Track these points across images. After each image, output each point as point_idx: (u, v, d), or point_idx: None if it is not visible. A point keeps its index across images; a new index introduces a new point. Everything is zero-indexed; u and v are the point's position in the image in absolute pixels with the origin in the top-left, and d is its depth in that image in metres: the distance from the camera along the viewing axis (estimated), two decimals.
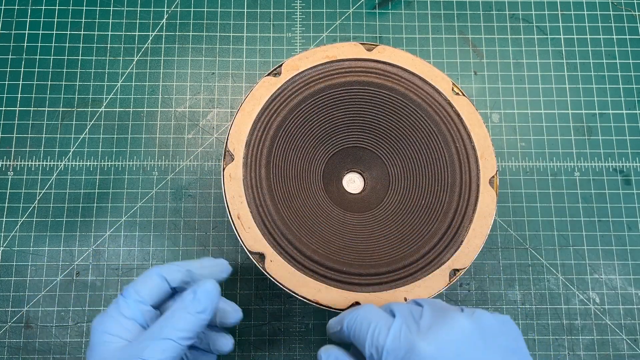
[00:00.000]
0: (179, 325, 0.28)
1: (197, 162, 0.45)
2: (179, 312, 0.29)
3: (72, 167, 0.45)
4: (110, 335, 0.29)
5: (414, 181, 0.38)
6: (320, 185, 0.39)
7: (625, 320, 0.43)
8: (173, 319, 0.28)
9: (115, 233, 0.43)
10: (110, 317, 0.29)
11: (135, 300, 0.30)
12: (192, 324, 0.28)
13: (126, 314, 0.29)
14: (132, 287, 0.31)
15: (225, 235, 0.43)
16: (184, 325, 0.28)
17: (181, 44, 0.48)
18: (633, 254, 0.44)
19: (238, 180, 0.34)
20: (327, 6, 0.49)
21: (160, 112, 0.46)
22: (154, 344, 0.27)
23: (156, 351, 0.27)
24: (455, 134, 0.36)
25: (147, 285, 0.31)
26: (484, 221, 0.35)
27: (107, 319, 0.29)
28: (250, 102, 0.36)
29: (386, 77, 0.37)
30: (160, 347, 0.27)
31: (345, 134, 0.39)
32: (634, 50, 0.48)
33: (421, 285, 0.34)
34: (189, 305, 0.29)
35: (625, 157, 0.46)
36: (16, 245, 0.43)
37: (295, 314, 0.42)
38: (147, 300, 0.30)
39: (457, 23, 0.48)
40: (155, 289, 0.31)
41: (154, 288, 0.31)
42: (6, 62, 0.46)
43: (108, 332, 0.29)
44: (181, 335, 0.28)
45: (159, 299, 0.31)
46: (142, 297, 0.30)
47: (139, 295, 0.30)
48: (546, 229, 0.44)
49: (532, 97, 0.47)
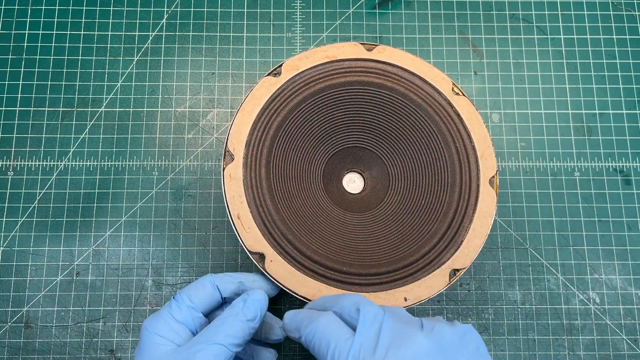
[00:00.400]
0: (230, 332, 0.29)
1: (197, 162, 0.45)
2: (230, 319, 0.29)
3: (72, 167, 0.45)
4: (161, 337, 0.30)
5: (414, 181, 0.38)
6: (320, 185, 0.39)
7: (625, 320, 0.43)
8: (224, 325, 0.29)
9: (115, 233, 0.43)
10: (162, 320, 0.30)
11: (187, 305, 0.31)
12: (242, 331, 0.29)
13: (178, 318, 0.30)
14: (185, 292, 0.31)
15: (225, 235, 0.43)
16: (234, 332, 0.29)
17: (181, 44, 0.48)
18: (633, 254, 0.44)
19: (238, 180, 0.34)
20: (327, 6, 0.49)
21: (160, 112, 0.46)
22: (206, 347, 0.28)
23: (208, 355, 0.28)
24: (455, 134, 0.36)
25: (200, 293, 0.32)
26: (484, 221, 0.35)
27: (159, 321, 0.30)
28: (250, 102, 0.36)
29: (386, 77, 0.37)
30: (213, 351, 0.28)
31: (345, 134, 0.39)
32: (634, 50, 0.48)
33: (421, 285, 0.34)
34: (240, 312, 0.30)
35: (625, 157, 0.46)
36: (16, 245, 0.43)
37: None
38: (198, 307, 0.31)
39: (457, 23, 0.48)
40: (207, 297, 0.32)
41: (206, 296, 0.32)
42: (6, 62, 0.46)
43: (159, 334, 0.30)
44: (232, 342, 0.29)
45: (209, 307, 0.32)
46: (195, 303, 0.31)
47: (192, 301, 0.31)
48: (546, 229, 0.44)
49: (532, 97, 0.47)
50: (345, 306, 0.28)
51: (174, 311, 0.31)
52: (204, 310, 0.32)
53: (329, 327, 0.28)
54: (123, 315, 0.42)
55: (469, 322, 0.42)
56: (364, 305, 0.28)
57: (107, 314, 0.42)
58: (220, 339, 0.29)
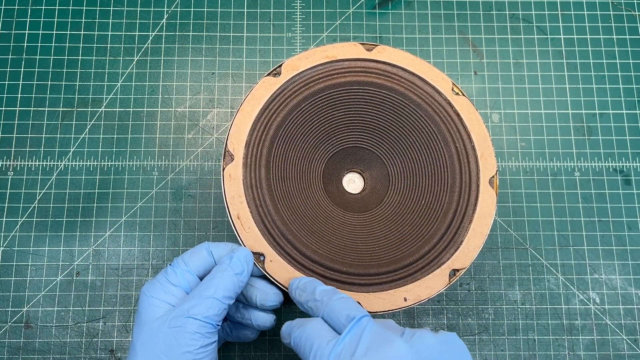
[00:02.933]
0: (220, 285, 0.31)
1: (197, 162, 0.45)
2: (219, 274, 0.31)
3: (72, 167, 0.45)
4: (158, 299, 0.31)
5: (414, 181, 0.38)
6: (320, 185, 0.39)
7: (625, 320, 0.43)
8: (214, 280, 0.31)
9: (115, 233, 0.43)
10: (158, 284, 0.32)
11: (182, 269, 0.32)
12: (231, 284, 0.31)
13: (173, 282, 0.32)
14: (181, 258, 0.33)
15: (225, 235, 0.43)
16: (224, 286, 0.31)
17: (181, 44, 0.48)
18: (633, 254, 0.44)
19: (238, 180, 0.34)
20: (327, 6, 0.49)
21: (160, 112, 0.46)
22: (198, 302, 0.30)
23: (201, 309, 0.30)
24: (455, 134, 0.36)
25: (195, 258, 0.33)
26: (484, 221, 0.35)
27: (155, 285, 0.32)
28: (250, 102, 0.36)
29: (386, 77, 0.37)
30: (205, 305, 0.30)
31: (345, 134, 0.39)
32: (634, 50, 0.48)
33: (421, 285, 0.34)
34: (227, 267, 0.31)
35: (625, 157, 0.46)
36: (16, 245, 0.43)
37: (295, 314, 0.42)
38: (193, 270, 0.33)
39: (457, 23, 0.48)
40: (202, 262, 0.33)
41: (201, 261, 0.33)
42: (6, 62, 0.46)
43: (156, 297, 0.31)
44: (222, 294, 0.31)
45: (204, 272, 0.33)
46: (189, 267, 0.33)
47: (187, 265, 0.33)
48: (546, 229, 0.44)
49: (532, 97, 0.47)
50: (334, 310, 0.30)
51: (169, 275, 0.32)
52: (198, 274, 0.33)
53: (315, 330, 0.29)
54: (123, 315, 0.42)
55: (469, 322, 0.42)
56: (352, 311, 0.29)
57: (107, 314, 0.42)
58: (212, 292, 0.30)
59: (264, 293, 0.34)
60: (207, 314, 0.30)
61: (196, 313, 0.29)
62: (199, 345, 0.29)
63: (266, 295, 0.34)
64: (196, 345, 0.29)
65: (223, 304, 0.31)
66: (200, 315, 0.29)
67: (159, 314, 0.31)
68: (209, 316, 0.30)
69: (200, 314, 0.29)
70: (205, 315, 0.30)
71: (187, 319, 0.29)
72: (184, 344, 0.29)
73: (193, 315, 0.29)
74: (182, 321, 0.29)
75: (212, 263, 0.33)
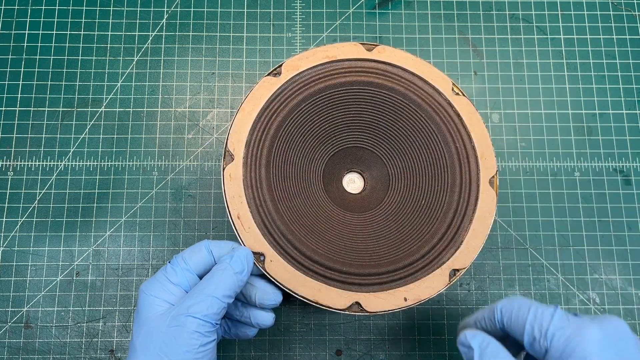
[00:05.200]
0: (219, 284, 0.31)
1: (197, 162, 0.45)
2: (219, 272, 0.31)
3: (72, 167, 0.45)
4: (157, 298, 0.31)
5: (414, 181, 0.38)
6: (320, 185, 0.39)
7: (625, 320, 0.43)
8: (213, 278, 0.31)
9: (115, 233, 0.43)
10: (157, 282, 0.32)
11: (182, 268, 0.32)
12: (231, 283, 0.31)
13: (173, 280, 0.32)
14: (180, 256, 0.33)
15: (225, 235, 0.43)
16: (224, 285, 0.31)
17: (181, 44, 0.48)
18: (633, 254, 0.44)
19: (238, 180, 0.34)
20: (327, 6, 0.49)
21: (160, 112, 0.46)
22: (198, 301, 0.30)
23: (201, 308, 0.30)
24: (455, 134, 0.36)
25: (195, 256, 0.33)
26: (484, 221, 0.35)
27: (154, 284, 0.32)
28: (250, 102, 0.36)
29: (386, 77, 0.37)
30: (205, 304, 0.30)
31: (345, 134, 0.39)
32: (634, 50, 0.48)
33: (421, 285, 0.34)
34: (227, 266, 0.31)
35: (625, 157, 0.46)
36: (16, 245, 0.43)
37: (295, 314, 0.42)
38: (192, 269, 0.33)
39: (457, 23, 0.48)
40: (201, 260, 0.33)
41: (201, 259, 0.33)
42: (6, 62, 0.46)
43: (155, 295, 0.31)
44: (222, 293, 0.30)
45: (204, 270, 0.33)
46: (189, 265, 0.32)
47: (186, 264, 0.32)
48: (546, 229, 0.44)
49: (532, 97, 0.47)
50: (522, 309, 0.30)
51: (169, 274, 0.32)
52: (198, 272, 0.33)
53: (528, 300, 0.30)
54: (123, 315, 0.42)
55: None
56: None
57: (107, 314, 0.42)
58: (211, 291, 0.30)
59: (264, 292, 0.34)
60: (207, 313, 0.30)
61: (196, 312, 0.30)
62: (199, 344, 0.29)
63: (266, 294, 0.34)
64: (196, 344, 0.29)
65: (223, 302, 0.31)
66: (200, 313, 0.29)
67: (159, 312, 0.31)
68: (209, 315, 0.30)
69: (200, 313, 0.30)
70: (204, 313, 0.30)
71: (187, 318, 0.29)
72: (184, 343, 0.29)
73: (193, 314, 0.29)
74: (182, 320, 0.29)
75: (211, 261, 0.33)
